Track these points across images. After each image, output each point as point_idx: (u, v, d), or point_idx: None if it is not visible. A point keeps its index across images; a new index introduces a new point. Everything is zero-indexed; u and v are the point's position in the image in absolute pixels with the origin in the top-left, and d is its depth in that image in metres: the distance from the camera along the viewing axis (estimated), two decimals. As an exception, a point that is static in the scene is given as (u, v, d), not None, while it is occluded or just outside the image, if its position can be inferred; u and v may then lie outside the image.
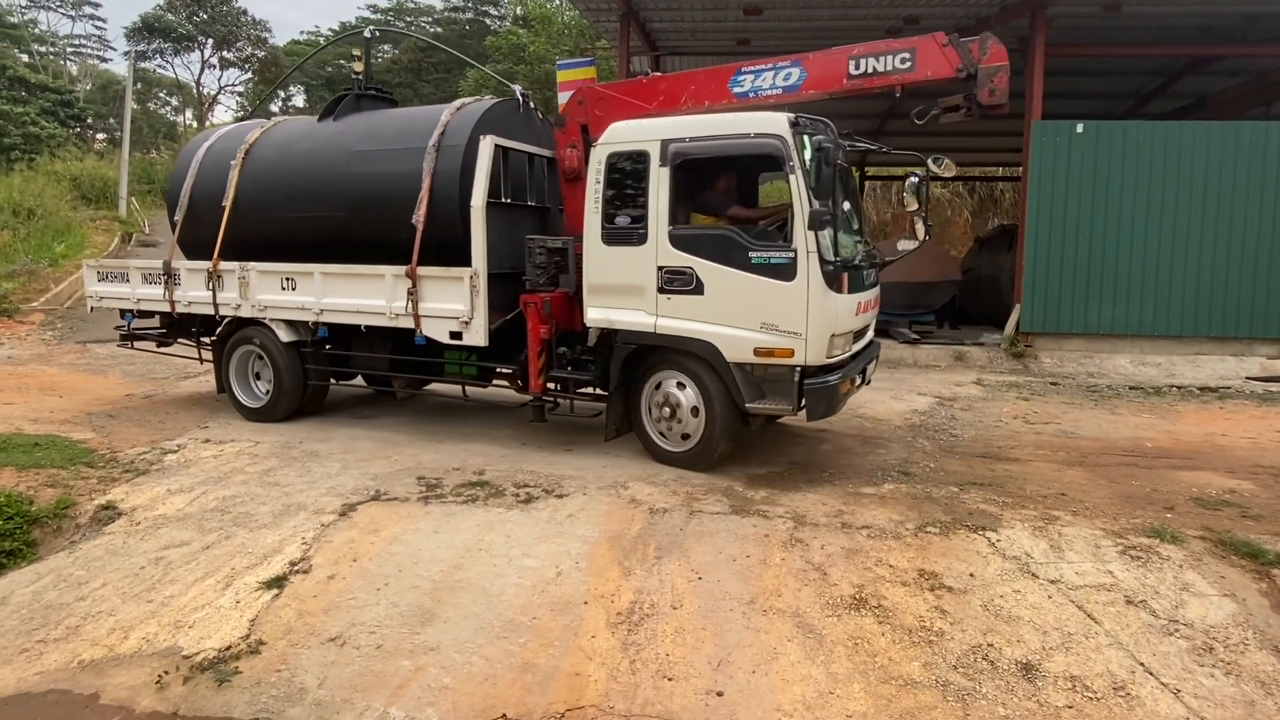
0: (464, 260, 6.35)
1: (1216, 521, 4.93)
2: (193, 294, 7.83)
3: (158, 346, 8.83)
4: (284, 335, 7.37)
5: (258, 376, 7.79)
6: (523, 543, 4.62)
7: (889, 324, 13.60)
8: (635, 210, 5.84)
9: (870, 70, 5.88)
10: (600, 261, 6.00)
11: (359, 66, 8.12)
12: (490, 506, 5.16)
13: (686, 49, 15.03)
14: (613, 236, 5.92)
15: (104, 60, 52.27)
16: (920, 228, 6.50)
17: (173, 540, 4.77)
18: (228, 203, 7.57)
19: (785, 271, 5.34)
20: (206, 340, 8.10)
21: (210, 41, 43.64)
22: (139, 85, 40.08)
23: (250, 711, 3.34)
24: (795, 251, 5.32)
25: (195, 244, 7.98)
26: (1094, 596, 4.01)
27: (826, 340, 5.42)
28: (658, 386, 6.02)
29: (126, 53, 38.34)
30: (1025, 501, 5.28)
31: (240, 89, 48.99)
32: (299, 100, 53.49)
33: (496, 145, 6.39)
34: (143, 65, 39.34)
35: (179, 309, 8.01)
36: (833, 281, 5.37)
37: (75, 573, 4.51)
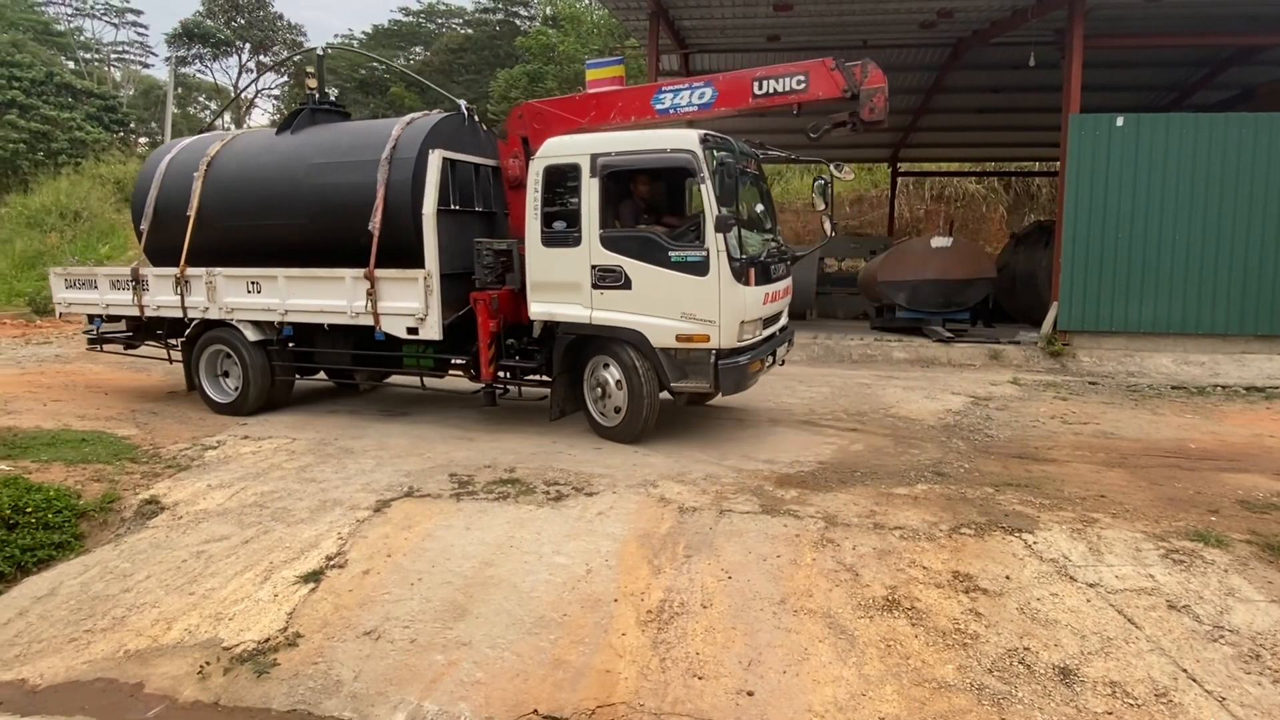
0: (418, 262, 6.94)
1: (1264, 525, 4.79)
2: (161, 298, 8.25)
3: (125, 349, 9.21)
4: (251, 335, 7.84)
5: (225, 374, 8.20)
6: (553, 540, 4.65)
7: (922, 322, 13.45)
8: (570, 216, 6.54)
9: (771, 90, 6.63)
10: (541, 262, 6.70)
11: (313, 83, 8.64)
12: (521, 504, 5.20)
13: (715, 46, 14.98)
14: (551, 239, 6.63)
15: (146, 66, 53.63)
16: (827, 225, 7.51)
17: (213, 534, 4.89)
18: (192, 212, 8.02)
19: (699, 268, 6.13)
20: (174, 342, 8.50)
21: (247, 46, 44.52)
22: (179, 90, 41.03)
23: (288, 703, 3.41)
24: (707, 251, 6.10)
25: (161, 251, 8.40)
26: (1135, 601, 3.92)
27: (737, 326, 6.24)
28: (602, 368, 6.70)
29: (167, 58, 39.32)
30: (1063, 503, 5.18)
31: (276, 92, 49.87)
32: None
33: (444, 158, 6.99)
34: (183, 70, 40.28)
35: (148, 313, 8.39)
36: (740, 275, 6.18)
37: (120, 565, 4.65)
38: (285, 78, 48.04)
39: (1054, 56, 12.25)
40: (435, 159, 6.92)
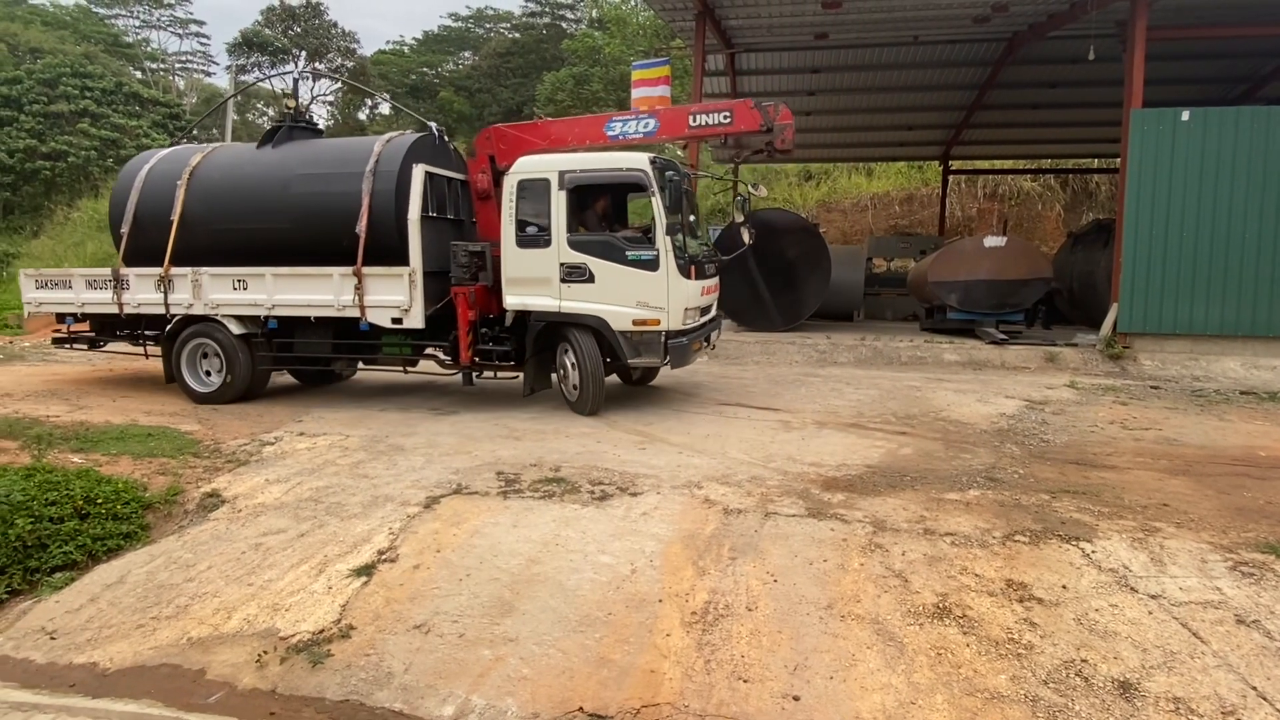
0: (397, 261, 7.98)
1: (1342, 538, 4.55)
2: (142, 296, 8.82)
3: (90, 347, 9.72)
4: (235, 329, 8.55)
5: (207, 370, 8.83)
6: (598, 539, 4.68)
7: (974, 323, 13.15)
8: (541, 222, 7.76)
9: (704, 123, 8.11)
10: (516, 260, 7.89)
11: (292, 103, 9.57)
12: (566, 502, 5.24)
13: (762, 45, 14.89)
14: (525, 241, 7.84)
15: (208, 75, 55.67)
16: (745, 235, 8.77)
17: (271, 527, 5.05)
18: (175, 216, 8.66)
19: (651, 265, 7.50)
20: (146, 336, 9.18)
21: (304, 54, 45.81)
22: (239, 97, 42.43)
23: (341, 693, 3.51)
24: (658, 251, 7.49)
25: (140, 253, 8.90)
26: (1200, 614, 3.76)
27: (682, 312, 7.66)
28: (565, 352, 7.87)
29: (228, 67, 40.71)
30: (1123, 511, 5.00)
31: (330, 98, 51.24)
32: (385, 109, 55.53)
33: (426, 171, 8.07)
34: (242, 78, 41.65)
35: (127, 310, 8.91)
36: (684, 271, 7.63)
37: (184, 555, 4.83)
38: (339, 84, 49.28)
39: (1115, 49, 11.85)
40: (419, 172, 8.01)
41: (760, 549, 4.48)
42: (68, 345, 9.69)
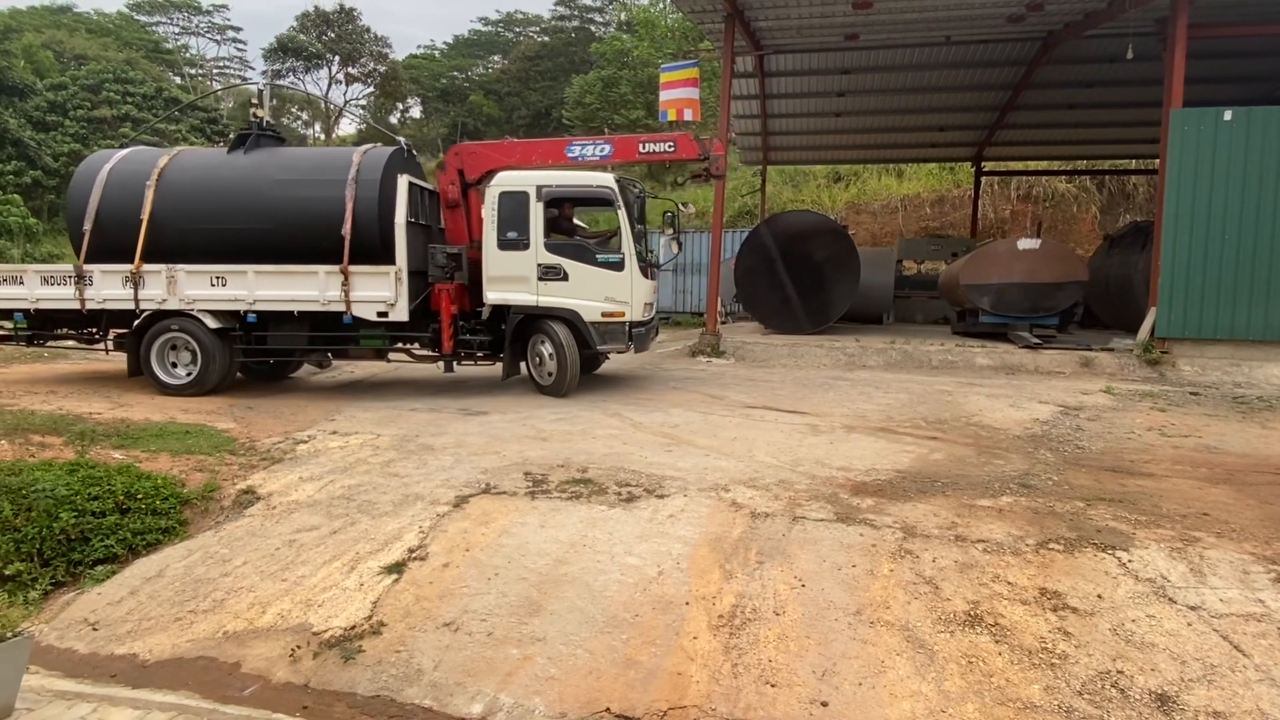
0: (378, 261, 8.87)
1: (1393, 551, 4.40)
2: (108, 292, 9.04)
3: (28, 344, 9.95)
4: (211, 323, 8.93)
5: (174, 362, 9.12)
6: (625, 541, 4.69)
7: (1007, 327, 12.96)
8: (520, 228, 8.91)
9: (651, 150, 9.37)
10: (497, 261, 9.02)
11: (261, 111, 10.05)
12: (593, 504, 5.26)
13: (792, 47, 14.83)
14: (505, 244, 8.96)
15: (244, 80, 56.81)
16: (674, 246, 10.17)
17: (304, 524, 5.14)
18: (145, 215, 8.99)
19: (618, 266, 8.94)
20: (105, 333, 9.50)
21: (336, 59, 46.54)
22: (274, 101, 43.21)
23: (372, 689, 3.56)
24: (623, 255, 8.93)
25: (103, 250, 9.11)
26: (1241, 626, 3.67)
27: (641, 306, 9.17)
28: (540, 342, 8.95)
29: (264, 71, 41.49)
30: (1161, 520, 4.89)
31: (363, 102, 51.98)
32: (415, 112, 56.22)
33: (411, 183, 9.00)
34: (278, 83, 42.41)
35: (90, 306, 9.09)
36: (643, 272, 9.16)
37: (220, 551, 4.93)
38: (371, 88, 49.98)
39: (1154, 48, 11.59)
40: (404, 182, 8.93)
41: (788, 553, 4.46)
42: (15, 342, 9.86)
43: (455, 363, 9.45)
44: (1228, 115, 10.15)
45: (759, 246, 14.23)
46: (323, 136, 50.69)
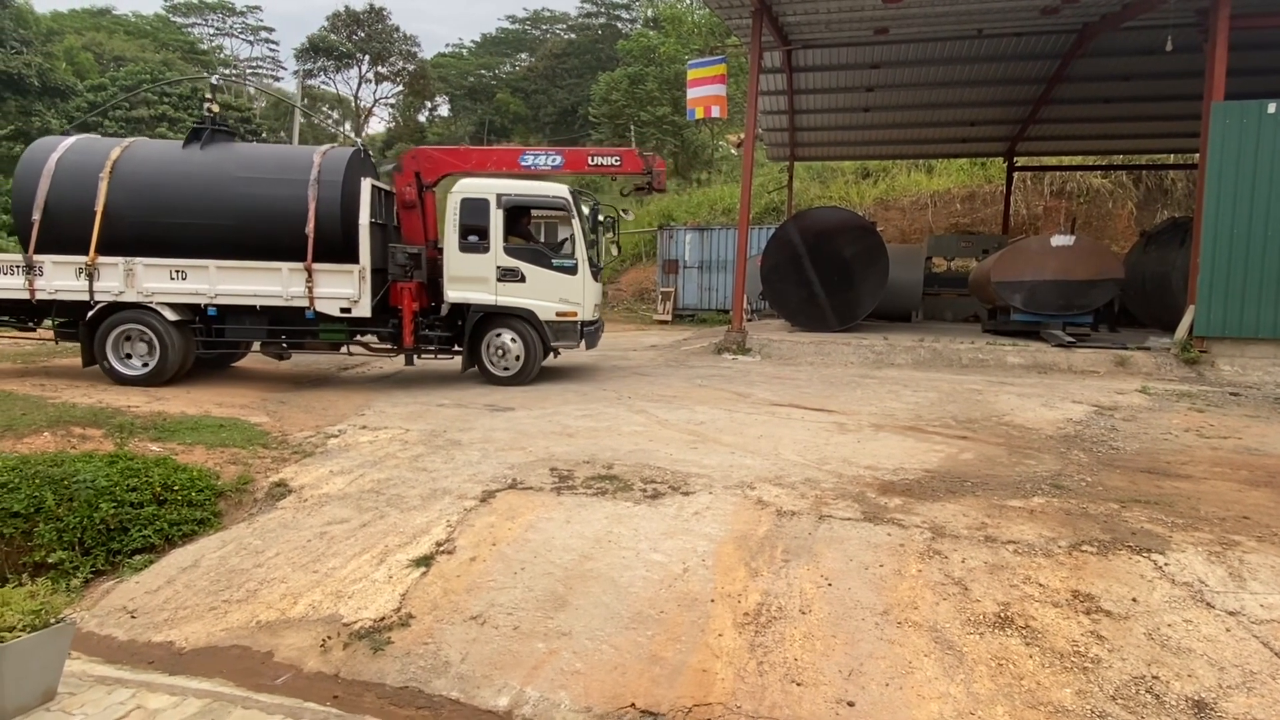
0: (339, 258, 9.20)
1: None
2: (59, 283, 9.05)
3: None
4: (170, 315, 9.08)
5: (129, 354, 9.18)
6: (650, 537, 4.69)
7: (1039, 325, 12.74)
8: (481, 233, 9.55)
9: (599, 163, 10.09)
10: (458, 262, 9.60)
11: (216, 107, 10.22)
12: (619, 500, 5.28)
13: (820, 41, 14.69)
14: (466, 247, 9.58)
15: (277, 79, 57.70)
16: (614, 250, 11.54)
17: (334, 517, 5.22)
18: (99, 208, 9.00)
19: (571, 270, 9.69)
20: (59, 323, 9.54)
21: (366, 58, 47.08)
22: (305, 100, 43.84)
23: (400, 680, 3.61)
24: (576, 260, 9.70)
25: (54, 241, 9.08)
26: (1284, 633, 3.57)
27: (592, 306, 9.99)
28: (497, 337, 9.71)
29: (295, 71, 42.08)
30: (1199, 523, 4.78)
31: (392, 100, 52.52)
32: (444, 110, 56.66)
33: (373, 185, 9.38)
34: (309, 83, 43.04)
35: (40, 296, 9.08)
36: (595, 275, 10.07)
37: (253, 542, 5.03)
38: (400, 87, 50.47)
39: (1195, 39, 11.31)
40: (367, 185, 9.31)
41: (814, 552, 4.43)
42: None
43: (415, 356, 10.01)
44: (1271, 108, 9.87)
45: (785, 243, 14.14)
46: (352, 135, 51.31)
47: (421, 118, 53.97)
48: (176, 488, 5.50)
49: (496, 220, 9.51)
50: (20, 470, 5.46)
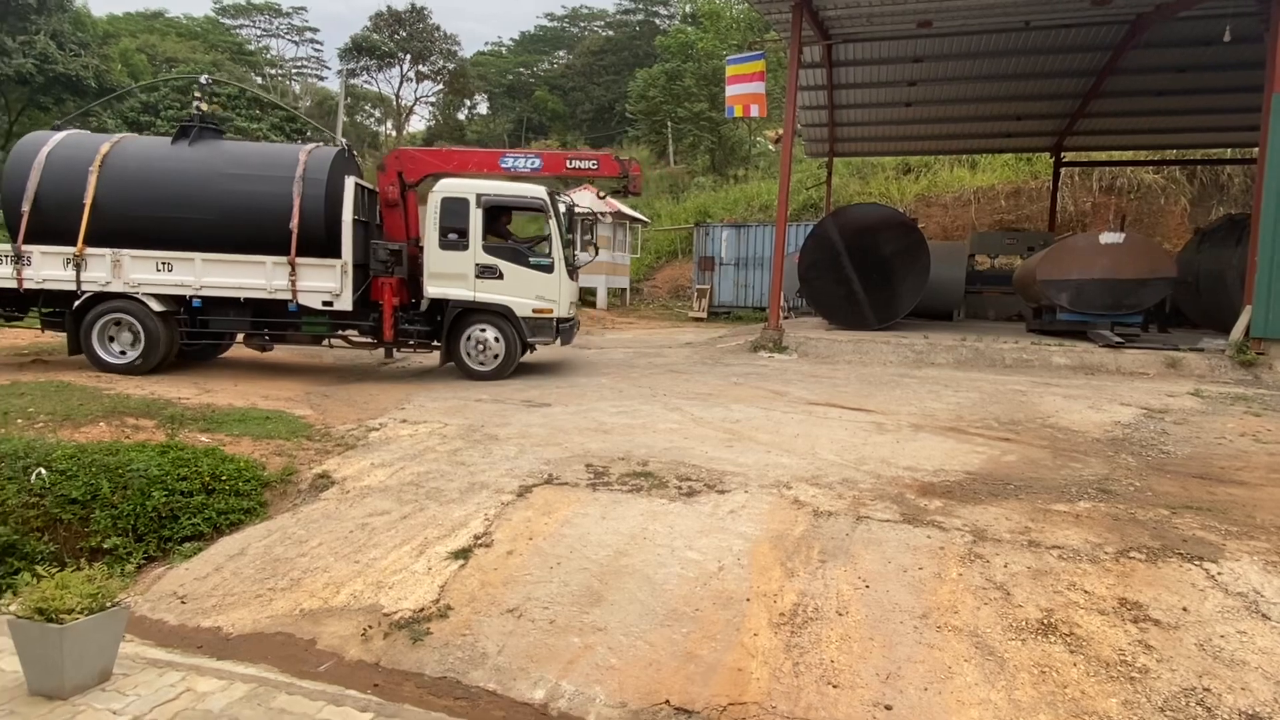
0: (322, 254, 9.50)
1: None
2: (47, 273, 9.37)
3: None
4: (155, 306, 9.39)
5: (112, 339, 9.49)
6: (685, 535, 4.69)
7: (1086, 325, 12.42)
8: (460, 231, 9.83)
9: (577, 166, 10.59)
10: (438, 259, 9.88)
11: (206, 105, 10.61)
12: (654, 497, 5.28)
13: (861, 35, 14.50)
14: (446, 245, 9.86)
15: (321, 79, 58.83)
16: (590, 251, 11.36)
17: (375, 509, 5.32)
18: (88, 200, 9.30)
19: (548, 268, 10.01)
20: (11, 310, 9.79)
21: (408, 57, 47.73)
22: (349, 100, 44.65)
23: (439, 670, 3.67)
24: (553, 258, 10.00)
25: (41, 232, 9.35)
26: (1345, 648, 3.43)
27: (568, 304, 10.36)
28: (481, 332, 9.93)
29: (339, 71, 42.86)
30: (1254, 531, 4.61)
31: (432, 99, 53.17)
32: (483, 108, 57.19)
33: (356, 184, 9.72)
34: (352, 82, 43.80)
35: (28, 286, 9.39)
36: (571, 274, 10.41)
37: (297, 532, 5.15)
38: (440, 86, 51.07)
39: (1255, 29, 10.89)
40: (350, 183, 9.64)
41: (851, 553, 4.39)
42: None
43: (395, 349, 10.43)
44: (1338, 100, 9.47)
45: (824, 240, 14.00)
46: (394, 133, 52.12)
47: (461, 116, 54.57)
48: (224, 478, 5.66)
49: (476, 219, 9.80)
50: (78, 458, 5.68)
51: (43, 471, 5.54)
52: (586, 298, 24.52)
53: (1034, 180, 24.05)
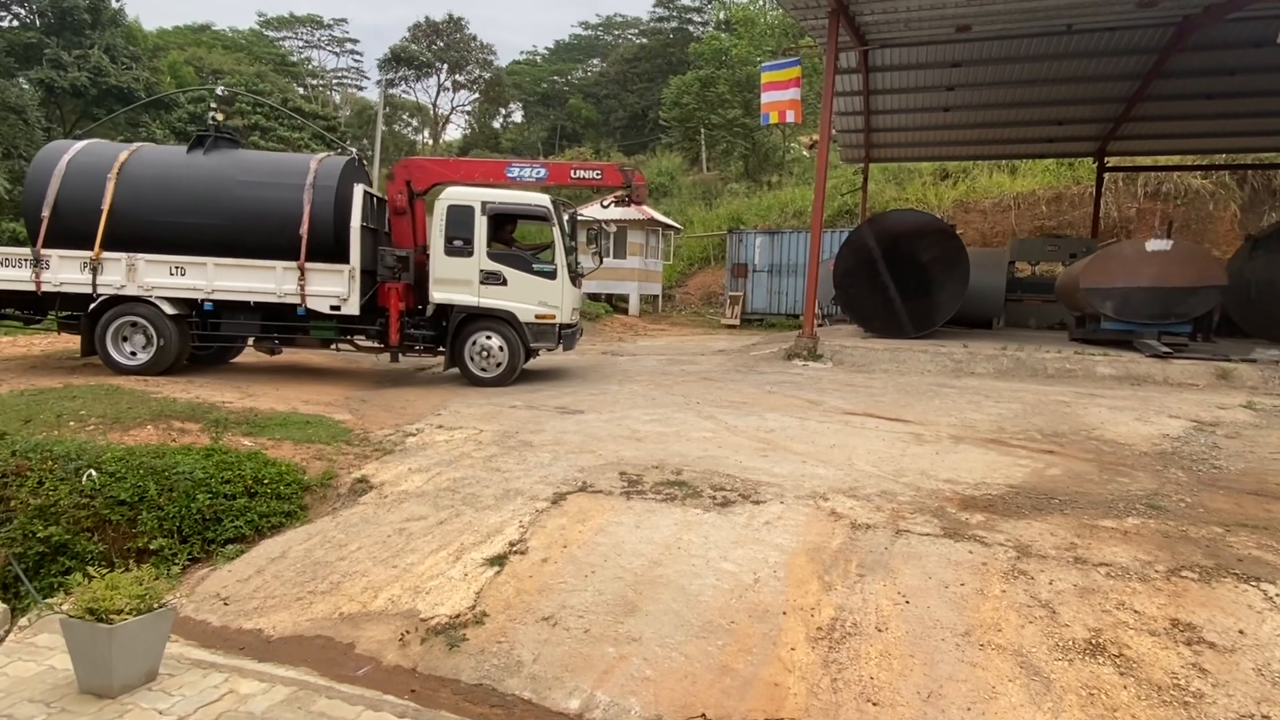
0: (331, 259, 9.75)
1: None
2: (65, 276, 9.61)
3: None
4: (168, 309, 9.64)
5: (125, 339, 9.76)
6: (720, 545, 4.66)
7: (1132, 334, 12.10)
8: (465, 238, 10.01)
9: (581, 177, 10.77)
10: (444, 265, 10.08)
11: (221, 115, 10.85)
12: (688, 506, 5.26)
13: (898, 40, 14.35)
14: (451, 251, 10.05)
15: (360, 89, 59.99)
16: (596, 259, 11.43)
17: (413, 514, 5.37)
18: (106, 206, 9.59)
19: (551, 275, 10.14)
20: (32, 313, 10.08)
21: (445, 67, 48.46)
22: (387, 109, 45.43)
23: (475, 677, 3.68)
24: (556, 265, 10.15)
25: (60, 237, 9.62)
26: None
27: (570, 310, 10.41)
28: (487, 339, 10.11)
29: (378, 81, 43.65)
30: (1315, 552, 4.43)
31: (469, 108, 53.89)
32: (518, 116, 57.81)
33: (365, 191, 10.00)
34: (391, 92, 44.58)
35: (46, 288, 9.64)
36: (573, 281, 10.47)
37: (337, 535, 5.22)
38: (476, 95, 51.73)
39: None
40: (359, 190, 9.91)
41: (891, 567, 4.31)
42: None
43: (401, 354, 10.60)
44: (1401, 102, 9.10)
45: (860, 247, 13.84)
46: (431, 142, 52.92)
47: (496, 124, 55.23)
48: (266, 481, 5.76)
49: (481, 226, 9.98)
50: (126, 461, 5.83)
51: (93, 473, 5.70)
52: (618, 304, 24.60)
53: (1076, 185, 23.53)
